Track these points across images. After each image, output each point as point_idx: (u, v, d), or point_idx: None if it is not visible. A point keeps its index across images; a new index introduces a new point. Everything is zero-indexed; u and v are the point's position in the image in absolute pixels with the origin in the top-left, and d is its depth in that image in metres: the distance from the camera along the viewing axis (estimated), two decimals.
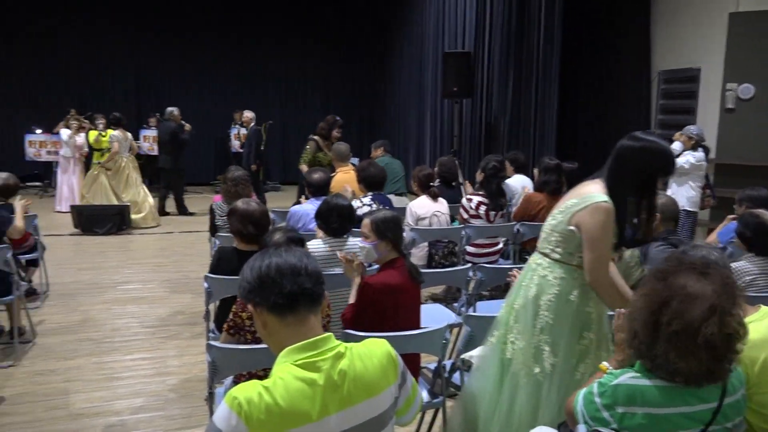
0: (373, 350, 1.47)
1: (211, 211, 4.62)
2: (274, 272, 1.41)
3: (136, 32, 12.35)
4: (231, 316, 2.45)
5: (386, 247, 2.85)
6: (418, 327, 2.82)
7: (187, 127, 9.27)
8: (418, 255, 4.88)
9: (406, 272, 2.83)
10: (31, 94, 11.92)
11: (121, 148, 8.40)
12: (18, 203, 4.47)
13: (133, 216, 8.24)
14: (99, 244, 7.44)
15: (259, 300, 1.42)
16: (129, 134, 8.66)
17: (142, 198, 8.52)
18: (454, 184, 5.76)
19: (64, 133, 9.20)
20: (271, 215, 3.82)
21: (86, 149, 9.25)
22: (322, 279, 1.47)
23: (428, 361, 2.95)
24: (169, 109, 9.33)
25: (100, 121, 9.55)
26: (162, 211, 9.20)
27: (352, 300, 2.77)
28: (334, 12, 13.38)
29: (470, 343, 2.65)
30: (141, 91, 12.62)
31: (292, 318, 1.40)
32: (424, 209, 4.94)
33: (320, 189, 4.54)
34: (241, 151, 10.33)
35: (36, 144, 10.61)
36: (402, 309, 2.78)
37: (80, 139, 9.22)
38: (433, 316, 3.52)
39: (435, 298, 5.12)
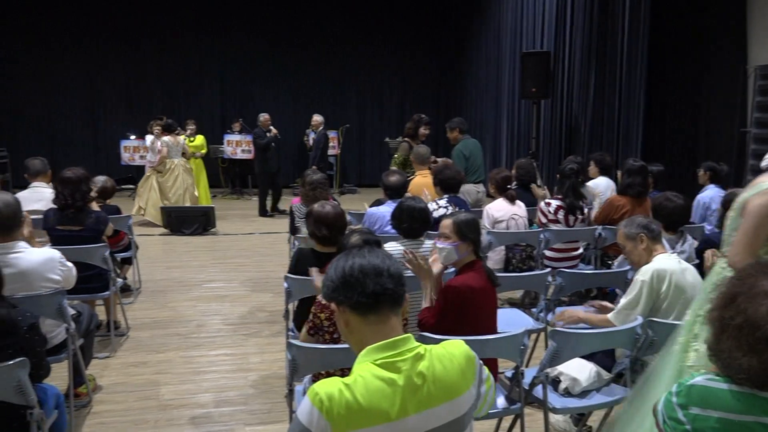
0: (452, 352, 1.47)
1: (291, 213, 4.75)
2: (358, 272, 1.43)
3: (222, 39, 12.87)
4: (310, 317, 2.51)
5: (467, 248, 2.83)
6: (495, 331, 2.78)
7: (273, 131, 9.57)
8: (494, 258, 4.82)
9: (485, 275, 2.80)
10: (128, 101, 12.70)
11: (171, 152, 8.80)
12: None
13: None
14: (186, 243, 7.81)
15: (343, 299, 1.45)
16: (180, 139, 9.02)
17: (189, 199, 8.87)
18: (532, 186, 5.65)
19: (148, 138, 9.71)
20: (348, 217, 3.87)
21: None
22: (404, 280, 1.48)
23: (505, 367, 2.90)
24: (259, 114, 9.85)
25: (190, 127, 10.04)
26: (262, 212, 9.63)
27: (426, 303, 2.77)
28: (410, 14, 13.43)
29: (555, 359, 2.59)
30: (226, 97, 13.13)
31: (374, 317, 1.43)
32: (502, 212, 4.87)
33: (396, 191, 4.56)
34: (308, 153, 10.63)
35: (130, 149, 11.29)
36: (481, 312, 2.76)
37: (160, 144, 9.70)
38: (511, 320, 3.46)
39: (512, 303, 5.03)
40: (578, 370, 2.80)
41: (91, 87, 12.56)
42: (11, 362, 2.20)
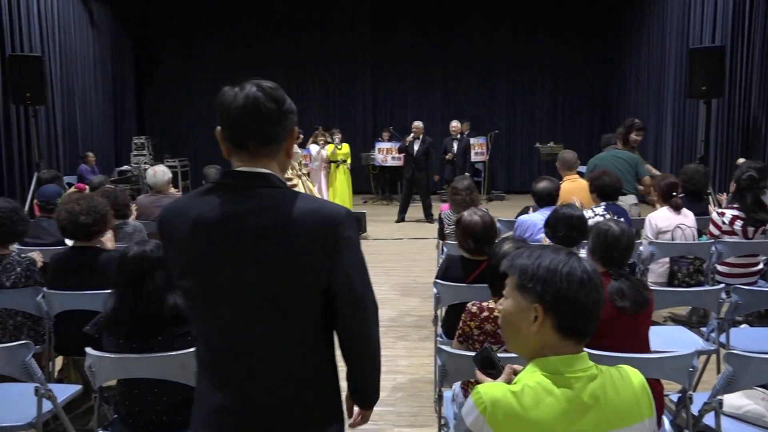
0: (629, 379, 1.38)
1: (440, 220, 4.79)
2: (592, 306, 1.35)
3: (374, 50, 13.39)
4: (460, 324, 2.50)
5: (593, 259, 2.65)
6: (642, 351, 2.54)
7: (407, 138, 9.71)
8: (657, 271, 4.47)
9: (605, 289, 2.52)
10: None
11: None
12: None
13: None
14: None
15: (552, 312, 1.35)
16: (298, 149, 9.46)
17: None
18: (702, 196, 5.16)
19: (313, 148, 10.31)
20: (498, 225, 3.82)
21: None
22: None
23: (669, 389, 2.68)
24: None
25: (337, 136, 10.54)
26: (399, 215, 9.90)
27: None
28: (563, 11, 12.97)
29: (731, 385, 2.34)
30: (378, 106, 13.59)
31: (572, 342, 1.37)
32: (666, 222, 4.51)
33: (544, 198, 4.42)
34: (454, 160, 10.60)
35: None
36: (605, 329, 2.44)
37: (325, 152, 10.28)
38: (676, 339, 3.20)
39: (677, 320, 4.64)
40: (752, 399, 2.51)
41: None
42: (191, 350, 2.43)
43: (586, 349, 1.39)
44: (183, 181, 11.95)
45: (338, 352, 1.59)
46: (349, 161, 10.52)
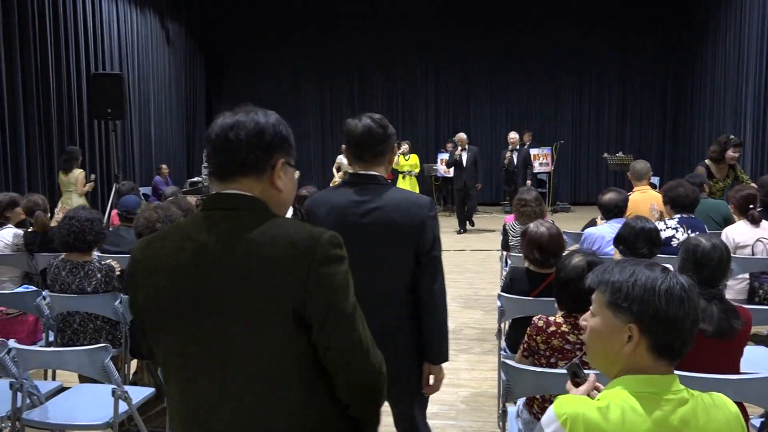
0: (722, 407, 1.31)
1: (504, 231, 4.73)
2: (691, 326, 1.30)
3: (438, 62, 13.43)
4: (525, 338, 2.46)
5: None
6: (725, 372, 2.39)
7: (457, 152, 9.68)
8: (736, 288, 4.24)
9: None
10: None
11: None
12: None
13: None
14: None
15: (649, 333, 1.30)
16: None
17: None
18: None
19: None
20: (564, 237, 3.73)
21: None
22: None
23: (751, 413, 2.53)
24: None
25: (405, 146, 10.61)
26: (461, 227, 9.91)
27: None
28: (633, 16, 12.60)
29: None
30: (440, 117, 13.60)
31: (665, 362, 1.32)
32: (744, 236, 4.28)
33: (610, 211, 4.29)
34: (511, 170, 10.61)
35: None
36: (703, 354, 2.22)
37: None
38: (758, 360, 3.02)
39: (759, 340, 4.38)
40: None
41: (323, 113, 13.97)
42: None
43: None
44: None
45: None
46: (416, 171, 10.59)
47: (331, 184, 9.63)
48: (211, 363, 1.27)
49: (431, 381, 2.30)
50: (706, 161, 6.01)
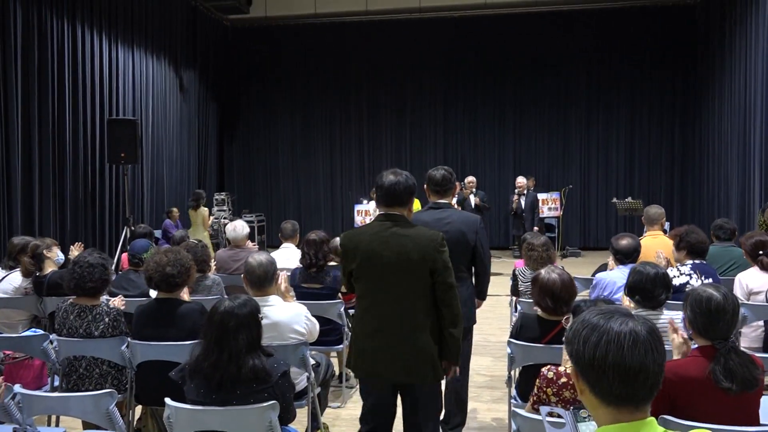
0: None
1: (514, 277, 4.69)
2: (637, 370, 1.25)
3: (446, 108, 13.62)
4: (535, 390, 2.41)
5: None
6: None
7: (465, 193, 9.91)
8: (750, 336, 4.17)
9: (707, 363, 2.25)
10: (361, 168, 14.01)
11: None
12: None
13: None
14: None
15: (583, 376, 1.31)
16: None
17: None
18: None
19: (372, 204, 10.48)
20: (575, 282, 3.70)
21: None
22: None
23: None
24: None
25: None
26: None
27: None
28: (638, 59, 12.75)
29: None
30: (448, 161, 13.67)
31: (612, 409, 1.29)
32: (758, 282, 4.22)
33: (629, 256, 4.26)
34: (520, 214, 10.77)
35: (362, 212, 12.28)
36: (702, 406, 2.22)
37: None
38: None
39: None
40: None
41: (332, 157, 14.11)
42: (265, 404, 2.47)
43: (681, 421, 1.31)
44: (259, 235, 12.32)
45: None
46: None
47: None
48: (389, 301, 2.77)
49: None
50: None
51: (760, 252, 4.34)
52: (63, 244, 6.40)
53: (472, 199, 9.78)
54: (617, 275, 4.16)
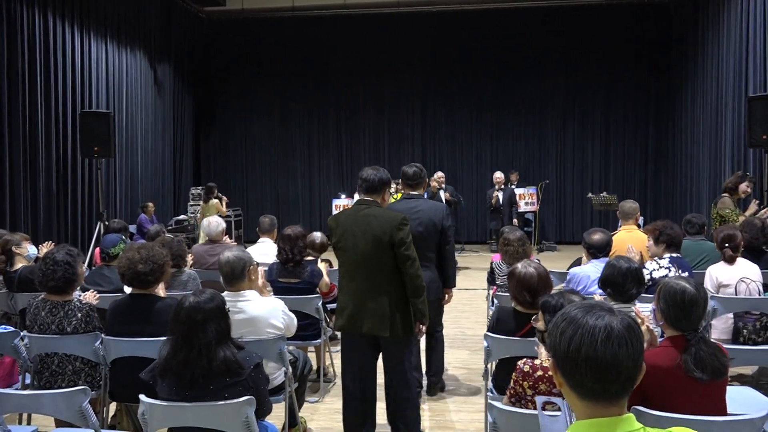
0: None
1: (491, 270, 4.73)
2: (609, 365, 1.25)
3: (423, 105, 13.65)
4: (512, 383, 2.44)
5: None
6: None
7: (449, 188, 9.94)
8: (720, 328, 4.26)
9: (679, 353, 2.31)
10: (339, 163, 13.97)
11: None
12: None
13: None
14: None
15: (559, 369, 1.31)
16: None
17: None
18: (765, 248, 4.93)
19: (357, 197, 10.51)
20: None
21: None
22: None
23: None
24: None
25: (393, 186, 10.70)
26: None
27: None
28: (614, 60, 12.91)
29: None
30: (426, 157, 13.72)
31: (588, 403, 1.30)
32: (727, 275, 4.32)
33: (602, 250, 4.32)
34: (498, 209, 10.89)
35: (340, 207, 12.26)
36: (672, 397, 2.29)
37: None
38: (743, 401, 3.01)
39: (744, 381, 4.38)
40: None
41: (310, 152, 14.04)
42: (241, 399, 2.45)
43: (653, 412, 1.33)
44: (236, 230, 12.23)
45: None
46: None
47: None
48: (361, 267, 3.33)
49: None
50: (725, 194, 6.42)
51: (726, 245, 4.43)
52: (36, 239, 6.27)
53: (442, 194, 9.90)
54: (590, 269, 4.22)
